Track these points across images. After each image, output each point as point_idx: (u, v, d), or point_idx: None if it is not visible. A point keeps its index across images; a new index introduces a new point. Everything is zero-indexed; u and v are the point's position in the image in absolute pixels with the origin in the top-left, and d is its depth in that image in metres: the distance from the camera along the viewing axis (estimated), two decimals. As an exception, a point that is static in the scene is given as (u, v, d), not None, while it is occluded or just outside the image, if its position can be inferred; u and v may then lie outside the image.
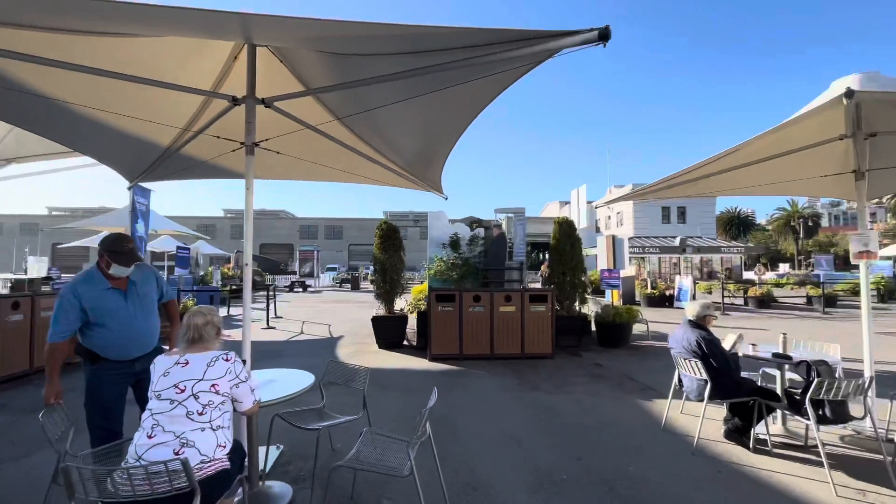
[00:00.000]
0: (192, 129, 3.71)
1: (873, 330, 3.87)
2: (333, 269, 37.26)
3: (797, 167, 4.61)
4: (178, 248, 11.83)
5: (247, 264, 3.09)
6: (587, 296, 8.92)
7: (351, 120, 3.71)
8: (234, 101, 3.11)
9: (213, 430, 1.88)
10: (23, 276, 13.79)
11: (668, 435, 3.89)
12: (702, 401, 3.57)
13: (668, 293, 15.29)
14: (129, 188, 4.96)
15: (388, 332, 7.83)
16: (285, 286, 25.22)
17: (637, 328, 8.58)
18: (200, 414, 1.86)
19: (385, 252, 8.03)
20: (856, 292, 16.71)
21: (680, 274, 25.17)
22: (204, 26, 2.38)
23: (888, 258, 25.02)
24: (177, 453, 1.77)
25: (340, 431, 3.62)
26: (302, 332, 9.63)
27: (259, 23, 2.46)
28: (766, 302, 15.11)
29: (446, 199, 5.23)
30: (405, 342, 8.04)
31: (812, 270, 29.83)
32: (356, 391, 3.26)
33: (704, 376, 3.54)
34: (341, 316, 12.53)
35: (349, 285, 27.21)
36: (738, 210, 54.99)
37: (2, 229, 48.04)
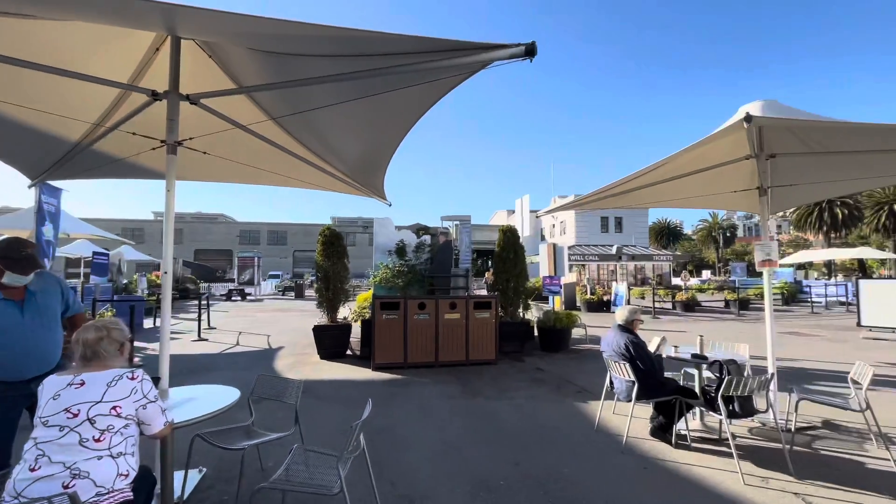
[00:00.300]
0: (106, 124, 3.39)
1: (776, 330, 4.31)
2: (276, 277, 35.62)
3: (713, 183, 5.05)
4: (95, 253, 10.73)
5: (166, 272, 2.85)
6: (530, 302, 9.20)
7: (289, 123, 3.57)
8: (155, 96, 2.89)
9: (113, 457, 1.69)
10: None
11: (601, 435, 4.07)
12: (630, 401, 3.77)
13: (605, 298, 16.17)
14: (30, 186, 4.43)
15: (330, 341, 7.56)
16: (222, 295, 23.72)
17: (576, 332, 8.96)
18: (97, 440, 1.67)
19: (328, 259, 7.79)
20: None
21: (616, 280, 26.68)
22: (118, 13, 2.19)
23: (791, 265, 28.17)
24: (66, 487, 1.57)
25: (273, 450, 3.43)
26: (237, 344, 9.07)
27: (183, 14, 2.29)
28: (690, 306, 16.41)
29: (390, 205, 5.18)
30: (348, 352, 7.81)
31: (729, 276, 32.92)
32: (289, 406, 3.10)
33: (632, 378, 3.75)
34: (282, 326, 11.96)
35: (293, 293, 26.10)
36: (667, 221, 59.51)
37: None
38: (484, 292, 11.38)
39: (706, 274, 44.69)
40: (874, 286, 10.43)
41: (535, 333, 8.60)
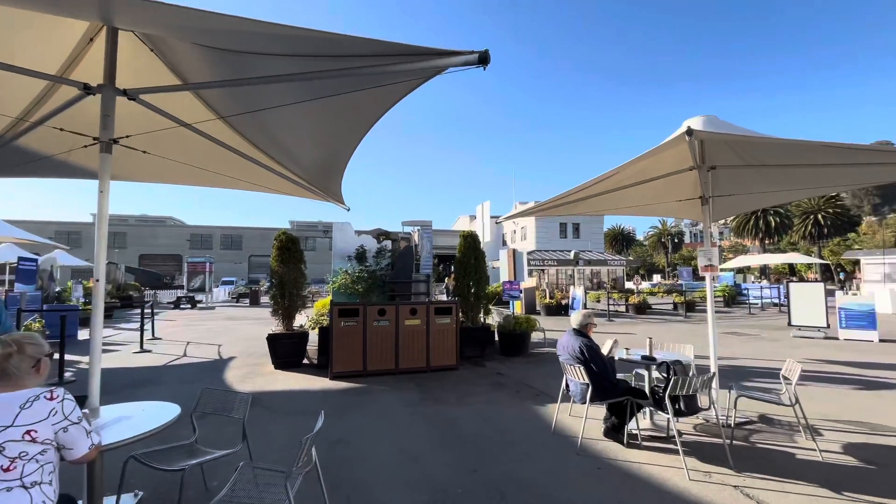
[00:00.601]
0: (31, 118, 3.10)
1: (717, 331, 4.58)
2: (230, 283, 34.02)
3: (661, 192, 5.33)
4: (21, 259, 9.79)
5: (97, 280, 2.63)
6: (491, 307, 9.29)
7: (241, 124, 3.41)
8: (87, 90, 2.67)
9: (26, 487, 1.52)
10: None
11: (557, 438, 4.15)
12: (585, 403, 3.87)
13: (563, 302, 16.64)
14: (-60, 185, 3.98)
15: (285, 350, 7.28)
16: (169, 302, 22.35)
17: (536, 336, 9.14)
18: (7, 470, 1.49)
19: (284, 265, 7.52)
20: (709, 299, 19.82)
21: (574, 285, 27.56)
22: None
23: (731, 270, 30.23)
24: (-33, 524, 1.39)
25: (219, 469, 3.23)
26: (185, 355, 8.54)
27: (120, 4, 2.15)
28: (642, 308, 17.18)
29: (348, 210, 5.08)
30: (305, 361, 7.56)
31: (677, 280, 34.86)
32: (237, 420, 2.93)
33: (586, 380, 3.85)
34: (235, 335, 11.41)
35: (248, 300, 24.99)
36: (621, 227, 62.33)
37: None
38: (445, 297, 11.38)
39: (657, 278, 47.18)
40: (802, 289, 11.37)
41: (496, 338, 8.69)
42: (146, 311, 10.36)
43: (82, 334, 11.01)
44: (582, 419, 4.06)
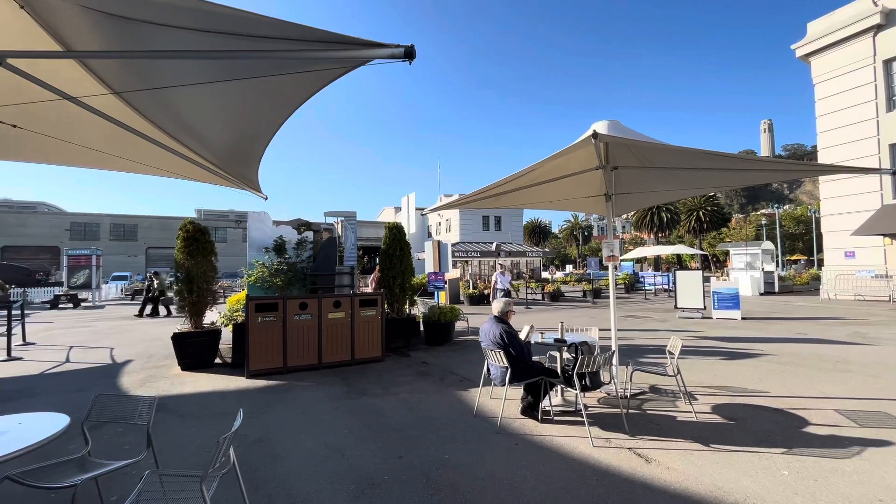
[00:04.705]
0: None
1: (618, 314, 5.14)
2: (123, 279, 30.19)
3: (572, 189, 5.79)
4: None
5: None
6: (416, 298, 9.39)
7: (140, 102, 3.05)
8: (-67, 49, 2.22)
9: None
10: None
11: (479, 420, 4.38)
12: (504, 385, 4.14)
13: (486, 292, 17.32)
14: None
15: (194, 350, 6.71)
16: (45, 302, 19.28)
17: (460, 325, 9.44)
18: None
19: (191, 257, 6.88)
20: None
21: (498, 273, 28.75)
22: None
23: (631, 260, 33.73)
24: None
25: (119, 482, 2.94)
26: (67, 361, 7.47)
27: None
28: (556, 296, 18.53)
29: (266, 198, 4.81)
30: (218, 360, 7.04)
31: (586, 270, 38.05)
32: (140, 427, 2.68)
33: (506, 364, 4.11)
34: (131, 336, 10.20)
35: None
36: (539, 221, 66.23)
37: None
38: (369, 290, 11.25)
39: (569, 268, 51.04)
40: (685, 276, 13.09)
41: (422, 328, 8.83)
42: (14, 312, 8.84)
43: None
44: (501, 400, 4.34)
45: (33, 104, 2.79)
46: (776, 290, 20.56)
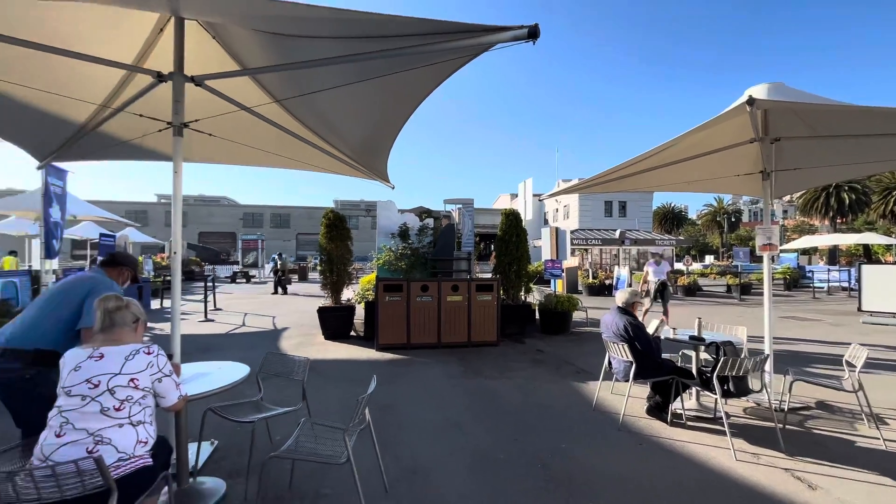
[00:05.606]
0: (112, 105, 3.41)
1: (776, 315, 4.37)
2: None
3: (716, 167, 5.04)
4: (102, 235, 10.83)
5: (175, 252, 2.92)
6: (532, 285, 9.27)
7: (292, 105, 3.58)
8: (160, 78, 2.91)
9: (133, 425, 1.79)
10: None
11: (598, 414, 4.18)
12: (628, 381, 3.87)
13: (607, 282, 16.24)
14: (38, 168, 4.48)
15: (334, 323, 7.70)
16: (226, 277, 23.94)
17: (577, 315, 9.06)
18: (117, 409, 1.76)
19: (332, 242, 7.86)
20: (767, 281, 18.62)
21: (619, 265, 26.72)
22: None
23: (795, 251, 28.06)
24: (90, 451, 1.66)
25: (280, 424, 3.56)
26: (243, 325, 9.23)
27: (186, -6, 2.31)
28: (692, 290, 16.45)
29: (393, 188, 5.21)
30: (352, 333, 7.96)
31: (732, 262, 32.83)
32: (296, 383, 3.20)
33: (630, 358, 3.83)
34: (287, 307, 12.13)
35: (296, 276, 26.28)
36: (672, 205, 59.04)
37: None
38: (487, 275, 11.45)
39: (710, 259, 44.55)
40: (877, 271, 10.43)
41: (537, 316, 8.70)
42: (208, 284, 11.22)
43: (153, 304, 12.12)
44: (624, 397, 4.06)
45: (220, 116, 3.47)
46: None
